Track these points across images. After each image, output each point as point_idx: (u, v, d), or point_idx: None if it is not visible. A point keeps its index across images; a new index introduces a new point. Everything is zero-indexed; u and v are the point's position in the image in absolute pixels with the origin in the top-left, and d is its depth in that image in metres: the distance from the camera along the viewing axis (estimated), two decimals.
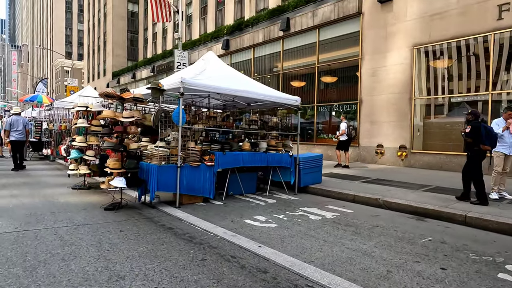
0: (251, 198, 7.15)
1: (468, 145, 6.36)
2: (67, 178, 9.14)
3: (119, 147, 5.57)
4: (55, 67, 72.80)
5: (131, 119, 5.67)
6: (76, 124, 7.39)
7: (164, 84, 6.00)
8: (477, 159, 6.29)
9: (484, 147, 6.19)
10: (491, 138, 6.20)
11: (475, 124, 6.28)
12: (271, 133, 7.90)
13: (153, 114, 6.74)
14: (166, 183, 5.88)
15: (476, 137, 6.19)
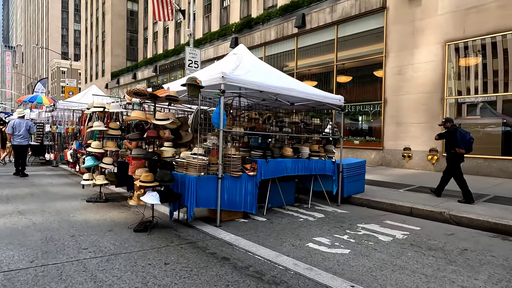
0: (293, 211, 6.25)
1: (446, 149, 7.16)
2: (76, 187, 8.16)
3: (152, 155, 4.63)
4: (50, 67, 71.33)
5: (166, 121, 4.73)
6: (92, 127, 6.43)
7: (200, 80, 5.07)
8: (454, 161, 6.93)
9: (459, 151, 6.80)
10: (465, 142, 6.74)
11: (452, 129, 6.96)
12: (313, 136, 7.00)
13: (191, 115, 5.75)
14: (206, 198, 4.95)
15: (451, 141, 6.88)
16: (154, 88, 4.78)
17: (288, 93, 5.94)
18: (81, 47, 53.34)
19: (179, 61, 27.15)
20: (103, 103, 6.48)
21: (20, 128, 10.07)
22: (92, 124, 6.48)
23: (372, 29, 13.98)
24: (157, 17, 22.19)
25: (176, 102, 4.97)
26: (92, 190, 7.45)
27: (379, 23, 13.72)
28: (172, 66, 27.89)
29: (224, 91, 5.04)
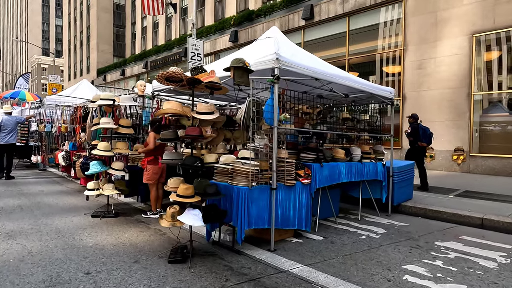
0: (344, 224, 5.24)
1: (411, 142, 7.82)
2: (73, 196, 6.89)
3: (194, 161, 3.47)
4: (30, 64, 68.07)
5: (211, 116, 3.59)
6: (98, 124, 5.20)
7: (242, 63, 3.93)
8: (418, 153, 7.73)
9: (421, 144, 7.63)
10: (426, 136, 7.67)
11: (414, 125, 7.74)
12: (363, 135, 5.99)
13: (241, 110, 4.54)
14: (259, 215, 3.85)
15: (415, 136, 7.64)
16: (194, 71, 3.63)
17: (344, 82, 4.89)
18: (63, 43, 50.95)
19: (172, 56, 25.78)
20: (112, 95, 5.26)
21: (8, 126, 8.71)
22: (99, 121, 5.26)
23: (389, 21, 13.11)
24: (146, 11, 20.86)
25: (219, 91, 3.83)
26: (94, 201, 6.21)
27: (396, 14, 12.85)
28: (164, 62, 26.49)
29: (279, 78, 3.93)
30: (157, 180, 5.23)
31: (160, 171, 5.24)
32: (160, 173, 5.24)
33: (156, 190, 5.27)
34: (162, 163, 3.89)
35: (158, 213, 5.31)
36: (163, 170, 5.28)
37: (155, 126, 5.16)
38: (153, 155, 5.17)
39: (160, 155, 5.20)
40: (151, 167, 5.16)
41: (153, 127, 5.20)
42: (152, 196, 5.24)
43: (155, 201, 5.28)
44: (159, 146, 5.16)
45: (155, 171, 5.17)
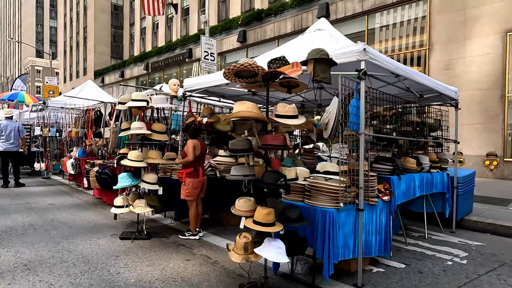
0: (413, 245, 4.52)
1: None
2: (90, 211, 6.08)
3: (278, 178, 2.72)
4: (24, 66, 66.55)
5: (297, 120, 2.84)
6: (128, 129, 4.42)
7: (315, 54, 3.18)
8: None
9: None
10: None
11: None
12: (428, 141, 5.30)
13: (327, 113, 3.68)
14: (346, 243, 3.11)
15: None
16: (274, 63, 2.88)
17: (420, 80, 4.19)
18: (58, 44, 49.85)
19: (175, 57, 24.98)
20: (145, 95, 4.47)
21: (8, 131, 7.90)
22: (129, 125, 4.46)
23: (412, 19, 12.49)
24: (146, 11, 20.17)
25: (296, 89, 3.08)
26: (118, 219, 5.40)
27: (420, 12, 12.24)
28: (167, 63, 25.70)
29: (366, 73, 3.20)
30: (197, 195, 4.47)
31: (201, 185, 4.46)
32: (200, 187, 4.47)
33: (196, 207, 4.49)
34: (230, 179, 3.11)
35: (197, 233, 4.54)
36: (203, 183, 4.52)
37: (192, 131, 4.39)
38: (192, 166, 4.40)
39: (200, 166, 4.44)
40: (191, 180, 4.38)
41: (190, 132, 4.42)
42: (191, 214, 4.47)
43: (195, 220, 4.50)
44: (199, 156, 4.40)
45: (195, 185, 4.40)
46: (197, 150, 4.33)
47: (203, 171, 4.46)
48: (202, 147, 4.44)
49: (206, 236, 4.66)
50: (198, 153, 4.36)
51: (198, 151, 4.35)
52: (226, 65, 20.33)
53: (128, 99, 4.45)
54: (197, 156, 4.37)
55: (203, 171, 4.49)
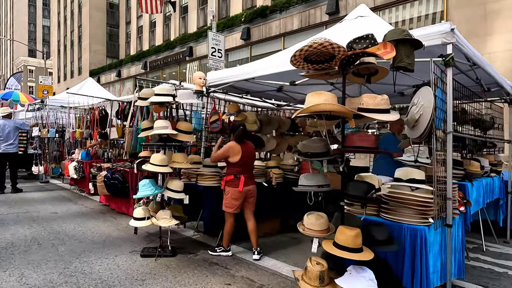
0: (475, 259, 3.96)
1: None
2: (99, 220, 5.44)
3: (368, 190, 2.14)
4: (16, 66, 65.09)
5: (390, 116, 2.25)
6: (149, 129, 3.79)
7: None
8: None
9: None
10: None
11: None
12: (493, 141, 4.76)
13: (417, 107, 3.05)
14: (435, 267, 2.53)
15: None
16: (359, 42, 2.30)
17: (493, 73, 3.65)
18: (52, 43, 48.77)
19: (174, 56, 24.29)
20: (171, 89, 3.85)
21: (5, 131, 7.25)
22: (151, 124, 3.84)
23: (430, 13, 12.01)
24: (144, 10, 19.60)
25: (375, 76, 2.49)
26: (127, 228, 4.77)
27: (436, 7, 11.77)
28: (166, 62, 25.01)
29: (453, 58, 2.63)
30: (237, 208, 3.85)
31: (242, 197, 3.83)
32: (242, 198, 3.84)
33: (233, 221, 3.91)
34: (300, 190, 2.52)
35: (229, 249, 3.94)
36: (248, 194, 3.86)
37: (239, 133, 3.80)
38: (233, 173, 3.82)
39: (243, 174, 3.83)
40: (229, 190, 3.81)
41: (236, 135, 3.81)
42: (227, 227, 3.86)
43: (229, 234, 3.90)
44: (241, 162, 3.80)
45: (235, 196, 3.81)
46: (234, 155, 3.77)
47: (247, 180, 3.81)
48: (247, 154, 3.84)
49: (238, 251, 4.06)
50: (237, 159, 3.78)
51: (236, 156, 3.78)
52: (228, 63, 19.70)
53: (150, 94, 3.82)
54: (236, 162, 3.80)
55: (249, 180, 3.84)
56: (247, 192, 3.83)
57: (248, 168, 3.89)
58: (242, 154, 3.78)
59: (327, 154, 2.41)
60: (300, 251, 4.15)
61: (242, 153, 3.78)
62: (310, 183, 2.43)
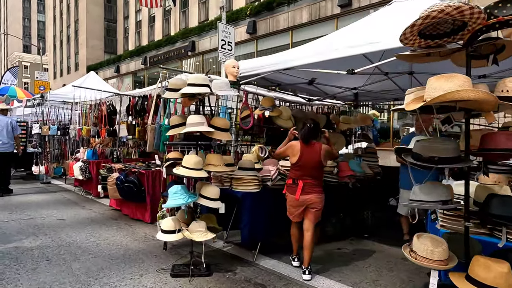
0: None
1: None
2: (109, 226, 4.85)
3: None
4: (10, 61, 63.82)
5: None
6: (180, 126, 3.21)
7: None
8: None
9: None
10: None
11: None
12: None
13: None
14: None
15: None
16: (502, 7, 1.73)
17: None
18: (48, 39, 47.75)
19: (176, 51, 23.60)
20: (206, 78, 3.25)
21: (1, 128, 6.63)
22: (183, 120, 3.25)
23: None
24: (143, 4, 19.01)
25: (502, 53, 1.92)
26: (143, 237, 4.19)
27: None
28: (167, 57, 24.32)
29: None
30: (297, 216, 3.40)
31: (299, 205, 3.33)
32: (299, 207, 3.34)
33: (295, 231, 3.52)
34: (410, 207, 1.95)
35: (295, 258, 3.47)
36: (312, 204, 3.32)
37: (306, 132, 3.31)
38: (291, 177, 3.38)
39: (302, 179, 3.31)
40: (288, 195, 3.42)
41: (304, 133, 3.33)
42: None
43: (293, 242, 3.57)
44: (302, 165, 3.31)
45: (291, 203, 3.38)
46: (293, 155, 3.34)
47: (307, 187, 3.28)
48: (308, 156, 3.31)
49: (281, 266, 3.50)
50: (294, 160, 3.32)
51: (294, 157, 3.32)
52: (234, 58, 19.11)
53: (182, 85, 3.22)
54: (294, 164, 3.36)
55: (310, 188, 3.29)
56: (306, 201, 3.30)
57: (309, 173, 3.32)
58: (300, 155, 3.28)
59: (458, 160, 1.83)
60: (354, 268, 3.60)
61: (301, 154, 3.28)
62: (430, 197, 1.85)
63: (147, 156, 7.42)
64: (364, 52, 3.17)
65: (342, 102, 6.49)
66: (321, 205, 3.34)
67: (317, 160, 3.33)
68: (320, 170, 3.39)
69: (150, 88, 5.75)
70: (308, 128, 3.31)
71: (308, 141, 3.33)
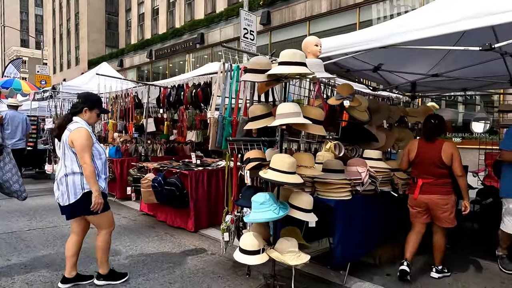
0: None
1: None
2: (147, 237, 4.15)
3: None
4: (8, 56, 62.57)
5: None
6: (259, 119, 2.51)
7: None
8: None
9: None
10: None
11: None
12: None
13: None
14: None
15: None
16: None
17: None
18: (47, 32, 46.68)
19: (183, 43, 22.79)
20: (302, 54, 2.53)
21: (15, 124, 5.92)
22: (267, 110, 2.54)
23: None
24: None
25: None
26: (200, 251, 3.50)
27: None
28: (174, 50, 23.54)
29: None
30: (419, 218, 3.20)
31: (422, 205, 3.14)
32: (423, 207, 3.15)
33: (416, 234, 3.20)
34: None
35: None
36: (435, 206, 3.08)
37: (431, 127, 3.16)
38: (411, 175, 3.29)
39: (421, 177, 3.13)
40: (409, 195, 3.30)
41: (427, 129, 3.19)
42: None
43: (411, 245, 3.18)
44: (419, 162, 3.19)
45: (411, 203, 3.25)
46: (411, 151, 3.21)
47: (427, 187, 3.08)
48: (426, 153, 3.13)
49: None
50: (412, 156, 3.20)
51: (412, 153, 3.19)
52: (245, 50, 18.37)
53: (266, 64, 2.50)
54: (412, 161, 3.23)
55: (430, 187, 3.08)
56: (426, 202, 3.09)
57: (428, 172, 3.10)
58: (418, 152, 3.15)
59: None
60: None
61: (418, 150, 3.15)
62: None
63: (175, 154, 6.73)
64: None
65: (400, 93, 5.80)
66: (448, 207, 3.05)
67: (437, 158, 3.05)
68: (443, 169, 3.06)
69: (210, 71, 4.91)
70: (434, 124, 3.14)
71: (432, 138, 3.12)
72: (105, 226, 2.90)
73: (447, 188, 3.05)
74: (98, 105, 2.95)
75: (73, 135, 2.69)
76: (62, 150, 2.79)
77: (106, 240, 2.90)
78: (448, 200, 3.04)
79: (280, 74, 2.45)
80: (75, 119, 2.82)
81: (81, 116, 2.85)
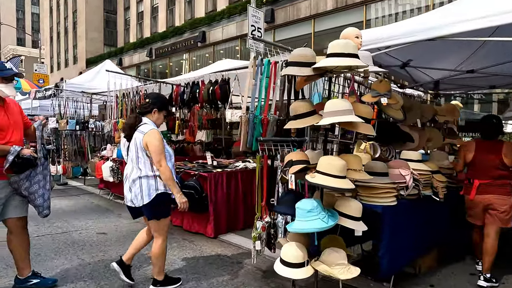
0: None
1: None
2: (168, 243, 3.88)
3: None
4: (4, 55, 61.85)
5: None
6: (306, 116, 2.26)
7: None
8: None
9: None
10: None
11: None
12: None
13: None
14: None
15: None
16: None
17: None
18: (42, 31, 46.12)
19: (184, 42, 22.47)
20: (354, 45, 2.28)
21: None
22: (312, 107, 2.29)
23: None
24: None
25: None
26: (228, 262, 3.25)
27: None
28: (174, 49, 23.22)
29: None
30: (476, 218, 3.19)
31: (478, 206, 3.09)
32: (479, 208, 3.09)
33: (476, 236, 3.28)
34: None
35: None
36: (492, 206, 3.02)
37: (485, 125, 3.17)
38: (467, 176, 3.23)
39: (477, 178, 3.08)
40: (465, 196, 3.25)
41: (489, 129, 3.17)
42: None
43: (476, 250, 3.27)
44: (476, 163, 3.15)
45: (467, 204, 3.22)
46: (469, 152, 3.13)
47: (484, 187, 3.01)
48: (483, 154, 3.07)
49: None
50: (469, 158, 3.12)
51: (469, 155, 3.09)
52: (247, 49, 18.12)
53: (311, 57, 2.26)
54: (469, 163, 3.19)
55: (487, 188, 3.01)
56: (483, 203, 3.02)
57: (485, 173, 3.05)
58: (475, 154, 3.09)
59: None
60: None
61: (476, 151, 3.08)
62: None
63: (184, 154, 6.47)
64: None
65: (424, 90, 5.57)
66: (506, 208, 2.96)
67: (498, 160, 3.00)
68: (503, 171, 3.00)
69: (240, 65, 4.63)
70: (494, 124, 3.12)
71: (492, 138, 3.07)
72: (162, 233, 2.75)
73: (506, 189, 2.96)
74: (167, 107, 2.87)
75: (148, 138, 2.56)
76: (134, 153, 2.65)
77: (163, 247, 2.77)
78: (507, 201, 2.94)
79: (330, 67, 2.20)
80: (145, 120, 2.69)
81: (149, 116, 2.72)
